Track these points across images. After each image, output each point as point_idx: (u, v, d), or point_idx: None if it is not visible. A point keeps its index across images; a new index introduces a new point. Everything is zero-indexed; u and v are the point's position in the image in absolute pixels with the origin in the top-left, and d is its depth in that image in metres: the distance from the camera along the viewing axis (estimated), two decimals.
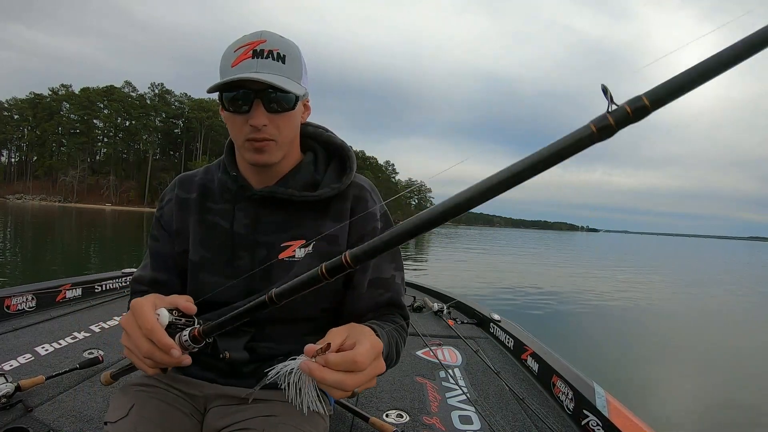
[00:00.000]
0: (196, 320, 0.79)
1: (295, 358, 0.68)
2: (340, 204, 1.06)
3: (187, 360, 0.73)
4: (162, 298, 0.81)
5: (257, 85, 0.88)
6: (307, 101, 1.04)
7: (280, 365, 0.69)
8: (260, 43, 0.90)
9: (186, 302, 0.79)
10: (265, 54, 0.89)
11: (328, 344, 0.68)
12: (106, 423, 0.96)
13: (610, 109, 0.42)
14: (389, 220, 1.12)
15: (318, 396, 0.67)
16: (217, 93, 0.92)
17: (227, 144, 1.08)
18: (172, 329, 0.75)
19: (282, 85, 0.88)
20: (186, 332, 0.73)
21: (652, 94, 0.41)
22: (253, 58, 0.89)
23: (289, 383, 0.68)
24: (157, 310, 0.76)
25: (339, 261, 0.57)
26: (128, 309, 1.08)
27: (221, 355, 0.85)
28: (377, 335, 0.79)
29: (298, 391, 0.67)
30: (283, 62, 0.91)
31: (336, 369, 0.65)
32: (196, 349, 0.75)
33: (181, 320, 0.76)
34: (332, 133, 1.13)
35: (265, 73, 0.88)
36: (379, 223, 1.08)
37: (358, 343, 0.70)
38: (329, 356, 0.66)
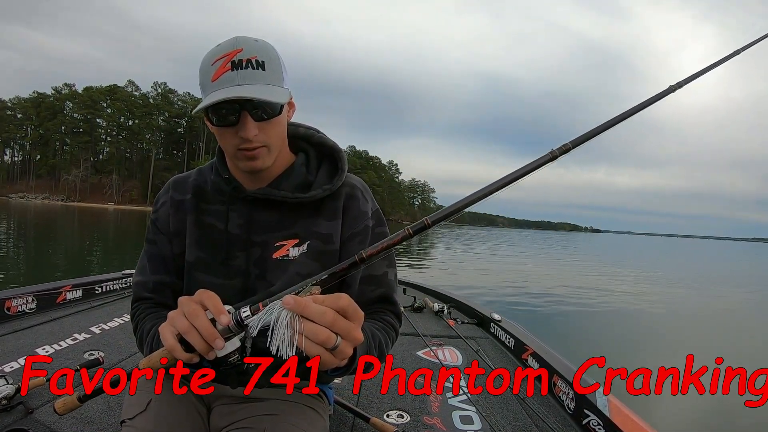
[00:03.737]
0: None
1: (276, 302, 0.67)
2: (332, 203, 1.07)
3: (221, 343, 0.70)
4: None
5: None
6: (291, 99, 1.01)
7: (261, 312, 0.67)
8: (237, 52, 0.87)
9: None
10: (244, 64, 0.87)
11: (318, 289, 0.69)
12: (123, 422, 0.98)
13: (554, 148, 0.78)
14: (381, 218, 1.13)
15: (291, 340, 0.63)
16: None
17: (218, 147, 1.08)
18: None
19: (268, 98, 0.87)
20: (246, 307, 0.70)
21: (573, 141, 0.79)
22: (232, 70, 0.87)
23: (271, 326, 0.65)
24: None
25: (423, 223, 0.73)
26: (130, 311, 1.09)
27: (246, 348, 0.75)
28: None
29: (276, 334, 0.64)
30: (263, 69, 0.89)
31: (321, 304, 0.65)
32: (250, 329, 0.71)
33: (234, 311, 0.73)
34: (323, 134, 1.14)
35: (248, 84, 0.87)
36: (371, 221, 1.10)
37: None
38: (316, 296, 0.66)
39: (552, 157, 0.77)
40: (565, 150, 0.77)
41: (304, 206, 1.05)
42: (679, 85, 0.91)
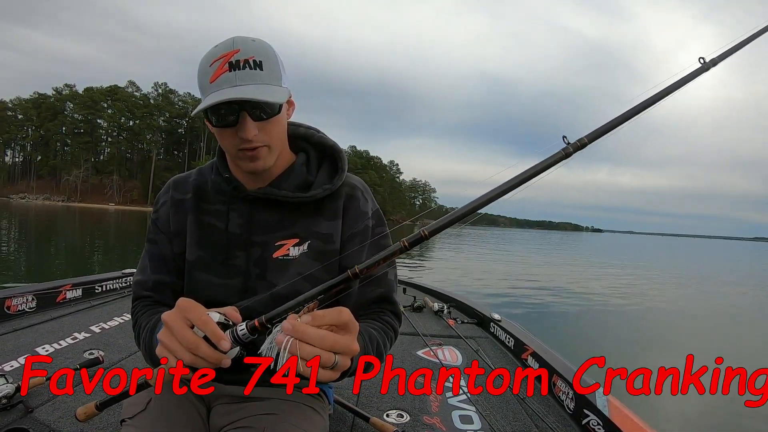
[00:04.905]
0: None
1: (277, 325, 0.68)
2: (332, 203, 1.07)
3: (227, 361, 0.71)
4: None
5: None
6: (290, 98, 1.01)
7: (267, 340, 0.68)
8: (234, 53, 0.88)
9: (233, 311, 0.76)
10: (242, 64, 0.88)
11: (316, 303, 0.70)
12: (122, 421, 0.98)
13: (568, 143, 0.67)
14: (381, 218, 1.14)
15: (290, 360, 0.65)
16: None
17: (218, 147, 1.08)
18: (221, 328, 0.73)
19: (267, 98, 0.87)
20: (242, 324, 0.71)
21: (589, 135, 0.68)
22: (230, 70, 0.87)
23: (274, 350, 0.66)
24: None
25: (419, 235, 0.69)
26: (131, 310, 1.10)
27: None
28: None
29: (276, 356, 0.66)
30: (261, 69, 0.89)
31: (321, 324, 0.66)
32: (249, 340, 0.72)
33: (229, 322, 0.74)
34: (324, 134, 1.14)
35: (246, 84, 0.87)
36: (371, 221, 1.10)
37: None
38: (316, 312, 0.67)
39: (565, 154, 0.67)
40: (580, 145, 0.67)
41: (304, 206, 1.05)
42: (713, 62, 0.76)
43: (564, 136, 0.66)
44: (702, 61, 0.74)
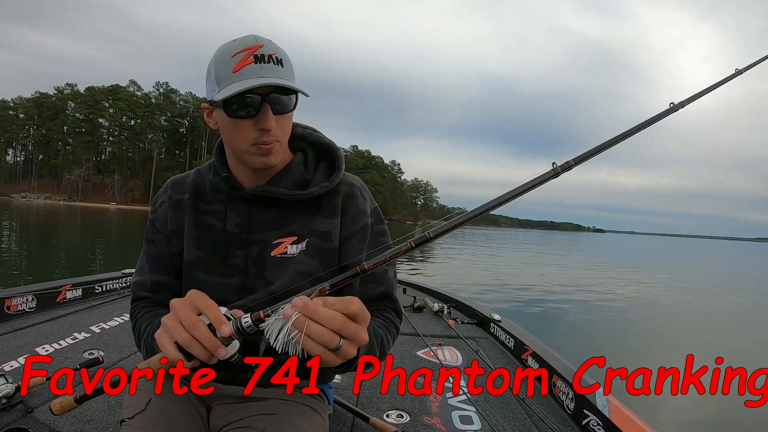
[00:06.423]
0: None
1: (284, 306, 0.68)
2: (330, 201, 1.07)
3: (223, 351, 0.71)
4: None
5: (263, 90, 0.89)
6: None
7: (274, 317, 0.68)
8: (259, 47, 0.90)
9: (240, 312, 0.76)
10: (266, 59, 0.89)
11: (327, 287, 0.71)
12: (122, 421, 0.98)
13: (556, 165, 0.81)
14: (380, 216, 1.14)
15: (295, 339, 0.64)
16: (211, 100, 0.93)
17: (217, 146, 1.09)
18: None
19: (299, 88, 0.90)
20: (246, 316, 0.71)
21: (575, 159, 0.82)
22: (256, 62, 0.89)
23: (275, 330, 0.66)
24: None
25: (425, 236, 0.76)
26: (130, 311, 1.10)
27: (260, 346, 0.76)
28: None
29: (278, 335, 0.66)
30: (282, 66, 0.91)
31: (331, 308, 0.66)
32: (252, 331, 0.71)
33: (232, 318, 0.74)
34: (320, 133, 1.15)
35: (272, 77, 0.89)
36: (370, 219, 1.10)
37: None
38: (328, 297, 0.68)
39: (554, 173, 0.81)
40: (567, 167, 0.81)
41: (302, 204, 1.05)
42: (682, 104, 0.95)
43: (554, 162, 0.81)
44: (671, 104, 0.95)
